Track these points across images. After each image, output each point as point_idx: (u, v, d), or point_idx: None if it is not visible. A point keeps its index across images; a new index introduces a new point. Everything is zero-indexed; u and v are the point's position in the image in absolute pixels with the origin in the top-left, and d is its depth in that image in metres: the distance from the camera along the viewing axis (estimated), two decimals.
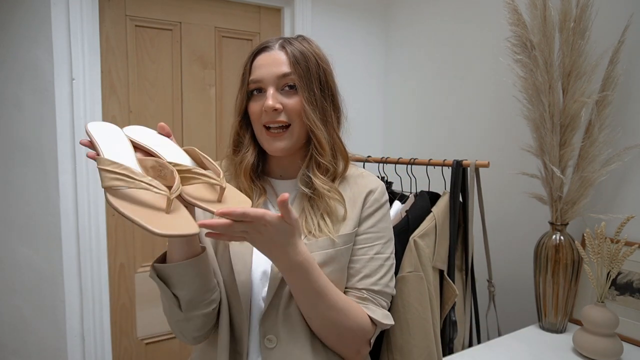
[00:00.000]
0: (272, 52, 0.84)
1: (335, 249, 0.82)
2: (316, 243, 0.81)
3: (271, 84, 0.82)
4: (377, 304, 0.85)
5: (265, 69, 0.83)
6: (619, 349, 1.08)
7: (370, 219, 0.87)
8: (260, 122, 0.84)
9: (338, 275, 0.83)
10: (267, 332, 0.80)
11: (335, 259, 0.82)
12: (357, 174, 0.92)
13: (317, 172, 0.85)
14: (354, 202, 0.87)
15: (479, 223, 1.39)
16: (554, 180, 1.26)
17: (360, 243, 0.86)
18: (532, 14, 1.24)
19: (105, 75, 1.65)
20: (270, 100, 0.81)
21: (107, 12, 1.63)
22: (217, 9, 1.84)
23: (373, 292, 0.85)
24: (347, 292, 0.85)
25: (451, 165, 1.32)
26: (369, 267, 0.85)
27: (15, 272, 1.58)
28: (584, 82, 1.21)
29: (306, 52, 0.84)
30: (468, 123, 1.78)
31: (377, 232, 0.87)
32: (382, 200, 0.90)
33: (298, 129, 0.84)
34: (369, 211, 0.87)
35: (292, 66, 0.82)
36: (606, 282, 1.09)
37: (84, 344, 1.62)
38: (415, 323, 1.15)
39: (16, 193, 1.55)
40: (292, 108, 0.82)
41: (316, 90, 0.83)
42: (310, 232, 0.82)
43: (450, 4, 1.84)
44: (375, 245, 0.86)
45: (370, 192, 0.88)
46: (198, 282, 0.76)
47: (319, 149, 0.84)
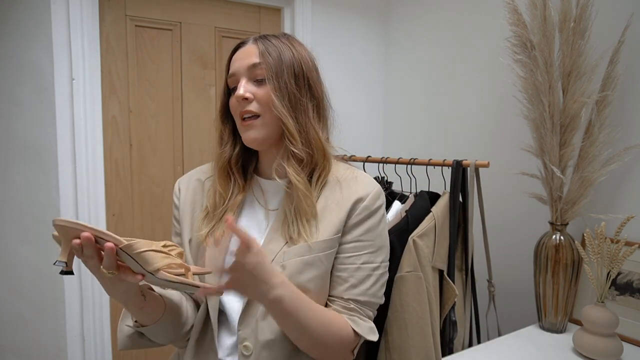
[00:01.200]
0: (245, 46, 0.86)
1: (312, 255, 0.80)
2: (293, 250, 0.80)
3: (243, 75, 0.83)
4: (363, 314, 0.85)
5: (238, 62, 0.85)
6: (619, 349, 1.08)
7: (358, 227, 0.84)
8: (237, 114, 0.85)
9: (318, 283, 0.81)
10: (244, 339, 0.80)
11: (313, 266, 0.80)
12: (351, 176, 0.88)
13: (291, 161, 0.83)
14: (340, 206, 0.84)
15: (479, 223, 1.39)
16: (554, 180, 1.26)
17: (347, 251, 0.84)
18: (532, 14, 1.24)
19: (105, 75, 1.65)
20: (240, 89, 0.82)
21: (107, 12, 1.63)
22: (217, 9, 1.84)
23: (359, 303, 0.84)
24: (333, 301, 0.84)
25: (451, 165, 1.32)
26: (356, 277, 0.83)
27: (15, 272, 1.58)
28: (584, 82, 1.21)
29: (279, 44, 0.84)
30: (468, 123, 1.78)
31: (366, 241, 0.85)
32: (374, 207, 0.85)
33: (270, 120, 0.83)
34: (357, 219, 0.84)
35: (262, 56, 0.82)
36: (606, 282, 1.09)
37: (84, 344, 1.62)
38: (414, 323, 1.15)
39: (16, 193, 1.55)
40: (262, 97, 0.82)
41: (287, 80, 0.82)
42: (291, 237, 0.82)
43: (450, 4, 1.84)
44: (363, 254, 0.84)
45: (359, 199, 0.84)
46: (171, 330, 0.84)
47: (289, 138, 0.83)
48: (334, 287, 0.85)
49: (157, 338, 0.83)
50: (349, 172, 0.89)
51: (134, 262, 0.64)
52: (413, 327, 1.15)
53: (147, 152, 1.76)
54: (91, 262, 0.65)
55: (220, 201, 0.87)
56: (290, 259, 0.80)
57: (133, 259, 0.64)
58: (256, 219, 0.88)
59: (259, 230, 0.87)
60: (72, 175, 1.55)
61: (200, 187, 0.94)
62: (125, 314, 0.83)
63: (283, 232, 0.83)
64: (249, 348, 0.80)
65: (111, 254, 0.62)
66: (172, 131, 1.80)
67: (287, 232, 0.82)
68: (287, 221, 0.83)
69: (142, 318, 0.78)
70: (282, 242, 0.82)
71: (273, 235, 0.84)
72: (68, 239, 0.64)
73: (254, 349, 0.80)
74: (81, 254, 0.64)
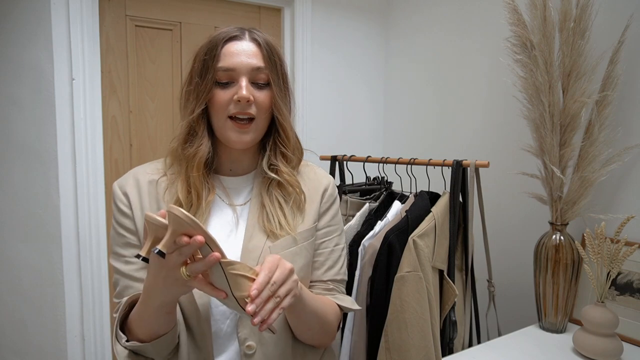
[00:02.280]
0: (243, 41, 0.81)
1: (298, 246, 0.84)
2: (278, 244, 0.82)
3: (244, 74, 0.80)
4: (339, 292, 0.92)
5: (238, 58, 0.80)
6: (619, 349, 1.08)
7: (327, 213, 0.92)
8: (226, 112, 0.80)
9: (305, 271, 0.87)
10: (245, 340, 0.80)
11: (300, 255, 0.85)
12: (308, 168, 0.95)
13: (283, 162, 0.87)
14: (311, 198, 0.90)
15: (479, 223, 1.39)
16: (554, 180, 1.26)
17: (320, 237, 0.90)
18: (532, 14, 1.24)
19: (105, 75, 1.65)
20: (244, 90, 0.78)
21: (107, 12, 1.63)
22: (217, 9, 1.84)
23: (337, 282, 0.92)
24: (313, 286, 0.89)
25: (451, 165, 1.32)
26: (331, 259, 0.91)
27: (15, 272, 1.58)
28: (584, 82, 1.21)
29: (273, 45, 0.84)
30: (468, 123, 1.78)
31: (334, 225, 0.93)
32: (335, 194, 0.95)
33: (262, 123, 0.84)
34: (325, 206, 0.92)
35: (266, 61, 0.81)
36: (606, 282, 1.09)
37: (84, 344, 1.62)
38: (414, 323, 1.15)
39: (16, 193, 1.55)
40: (262, 102, 0.81)
41: (282, 85, 0.84)
42: (273, 231, 0.82)
43: (451, 4, 1.84)
44: (333, 237, 0.92)
45: (325, 189, 0.92)
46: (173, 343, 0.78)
47: (284, 141, 0.86)
48: (312, 272, 0.90)
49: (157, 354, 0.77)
50: (303, 165, 0.95)
51: (224, 279, 0.62)
52: (413, 327, 1.15)
53: (147, 152, 1.76)
54: (178, 259, 0.61)
55: (197, 199, 0.81)
56: (277, 252, 0.81)
57: (226, 277, 0.62)
58: (225, 216, 0.86)
59: (230, 228, 0.85)
60: (72, 175, 1.55)
61: (154, 189, 0.84)
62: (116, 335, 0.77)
63: (262, 227, 0.83)
64: (252, 347, 0.80)
65: (211, 265, 0.61)
66: (172, 131, 1.80)
67: (267, 226, 0.83)
68: (265, 215, 0.84)
69: (159, 327, 0.73)
70: (263, 237, 0.83)
71: (252, 230, 0.83)
72: (160, 233, 0.61)
73: (257, 347, 0.80)
74: (178, 251, 0.60)
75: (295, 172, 0.90)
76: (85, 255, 1.59)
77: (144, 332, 0.74)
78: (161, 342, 0.74)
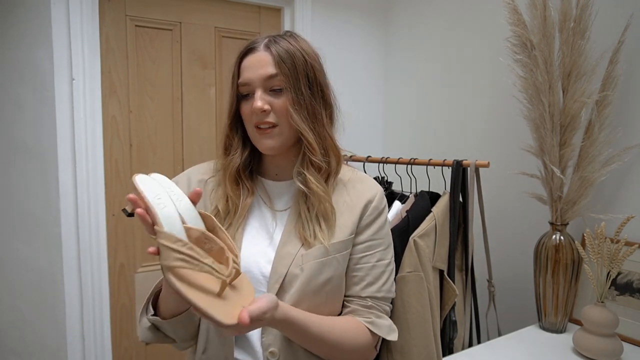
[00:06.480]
0: (257, 53, 0.83)
1: (330, 257, 0.82)
2: (311, 253, 0.81)
3: (258, 85, 0.82)
4: (380, 310, 0.87)
5: (252, 71, 0.82)
6: (619, 349, 1.08)
7: (370, 227, 0.87)
8: (252, 122, 0.84)
9: (335, 282, 0.83)
10: (268, 346, 0.80)
11: (330, 266, 0.82)
12: (356, 178, 0.92)
13: (311, 170, 0.84)
14: (352, 208, 0.86)
15: (479, 223, 1.39)
16: (554, 180, 1.26)
17: (361, 251, 0.86)
18: (532, 14, 1.24)
19: (105, 75, 1.65)
20: (258, 102, 0.80)
21: (107, 12, 1.63)
22: (217, 9, 1.84)
23: (376, 299, 0.86)
24: (350, 301, 0.86)
25: (451, 165, 1.32)
26: (372, 275, 0.86)
27: (15, 272, 1.58)
28: (584, 82, 1.21)
29: (292, 50, 0.83)
30: (468, 123, 1.78)
31: (378, 240, 0.88)
32: (381, 207, 0.90)
33: (287, 129, 0.83)
34: (368, 220, 0.87)
35: (278, 66, 0.81)
36: (606, 282, 1.09)
37: (84, 344, 1.62)
38: (415, 323, 1.15)
39: (16, 193, 1.55)
40: (280, 108, 0.82)
41: (304, 89, 0.82)
42: (307, 239, 0.82)
43: (450, 4, 1.84)
44: (376, 252, 0.87)
45: (369, 201, 0.88)
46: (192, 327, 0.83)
47: (309, 148, 0.84)
48: (350, 287, 0.86)
49: (174, 332, 0.82)
50: (352, 173, 0.93)
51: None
52: (415, 327, 1.15)
53: (147, 152, 1.76)
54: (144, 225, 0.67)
55: (233, 206, 0.87)
56: (308, 261, 0.81)
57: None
58: (264, 220, 0.88)
59: (267, 231, 0.87)
60: (72, 175, 1.55)
61: (202, 188, 0.90)
62: (145, 308, 0.82)
63: (297, 234, 0.84)
64: (275, 353, 0.80)
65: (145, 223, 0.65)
66: (172, 131, 1.80)
67: (302, 234, 0.83)
68: (301, 223, 0.84)
69: (176, 306, 0.77)
70: (298, 244, 0.83)
71: (288, 237, 0.84)
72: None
73: (279, 353, 0.80)
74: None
75: (333, 180, 0.87)
76: (85, 255, 1.58)
77: (163, 309, 0.79)
78: (177, 321, 0.79)
